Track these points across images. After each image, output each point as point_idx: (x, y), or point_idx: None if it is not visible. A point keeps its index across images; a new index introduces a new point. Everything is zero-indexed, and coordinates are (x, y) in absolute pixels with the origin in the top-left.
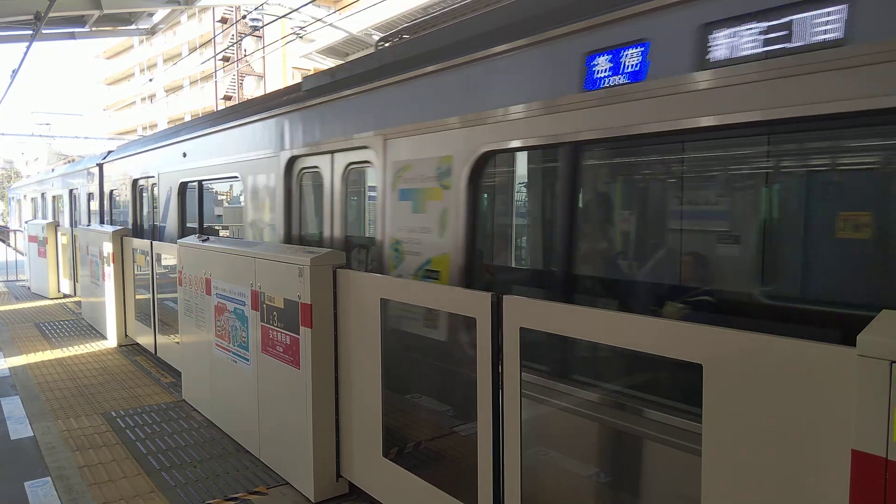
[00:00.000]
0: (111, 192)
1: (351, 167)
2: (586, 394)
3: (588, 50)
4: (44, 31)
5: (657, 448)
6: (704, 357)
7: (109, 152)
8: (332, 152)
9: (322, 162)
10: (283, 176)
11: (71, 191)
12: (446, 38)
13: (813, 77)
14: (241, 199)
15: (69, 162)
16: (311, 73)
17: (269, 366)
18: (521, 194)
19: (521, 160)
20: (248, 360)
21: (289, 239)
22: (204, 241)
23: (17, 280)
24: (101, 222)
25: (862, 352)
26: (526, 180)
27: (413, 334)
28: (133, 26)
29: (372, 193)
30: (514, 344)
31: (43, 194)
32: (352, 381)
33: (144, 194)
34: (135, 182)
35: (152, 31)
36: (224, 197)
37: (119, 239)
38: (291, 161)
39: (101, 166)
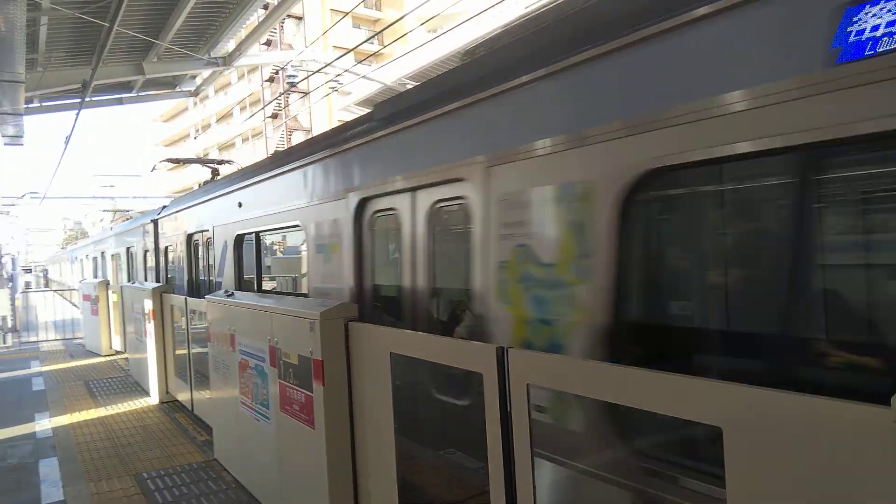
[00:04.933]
0: (166, 247)
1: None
2: None
3: None
4: (93, 98)
5: None
6: (723, 418)
7: (164, 207)
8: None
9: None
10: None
11: (128, 248)
12: None
13: None
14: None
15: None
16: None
17: (287, 425)
18: None
19: None
20: (269, 418)
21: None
22: (229, 296)
23: (74, 338)
24: (157, 279)
25: None
26: None
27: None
28: (178, 89)
29: None
30: (521, 401)
31: (103, 253)
32: (367, 442)
33: (199, 249)
34: (189, 237)
35: (196, 93)
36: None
37: (159, 295)
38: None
39: (155, 222)
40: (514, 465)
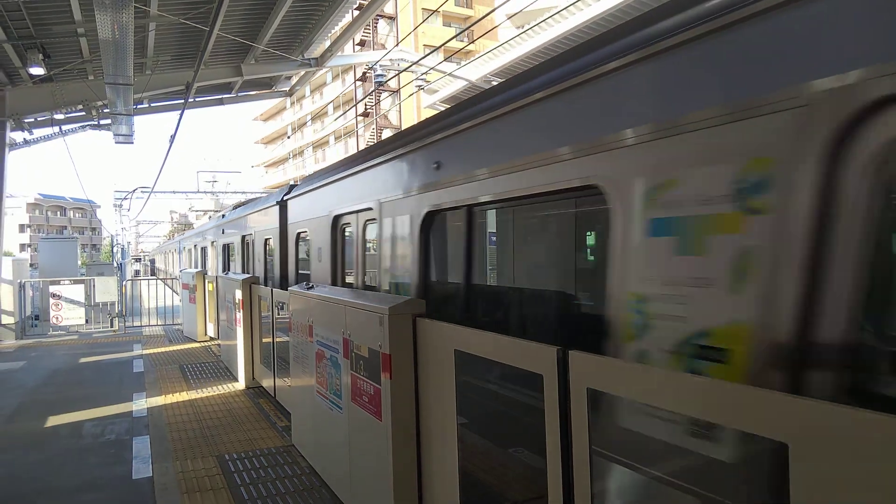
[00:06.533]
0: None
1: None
2: None
3: None
4: (196, 99)
5: None
6: (791, 434)
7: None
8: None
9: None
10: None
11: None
12: None
13: None
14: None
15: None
16: None
17: (357, 416)
18: None
19: None
20: (341, 408)
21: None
22: (308, 288)
23: (173, 324)
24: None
25: None
26: None
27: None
28: (274, 89)
29: None
30: (581, 406)
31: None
32: (431, 436)
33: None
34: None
35: (290, 92)
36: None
37: (248, 286)
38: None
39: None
40: (572, 470)
